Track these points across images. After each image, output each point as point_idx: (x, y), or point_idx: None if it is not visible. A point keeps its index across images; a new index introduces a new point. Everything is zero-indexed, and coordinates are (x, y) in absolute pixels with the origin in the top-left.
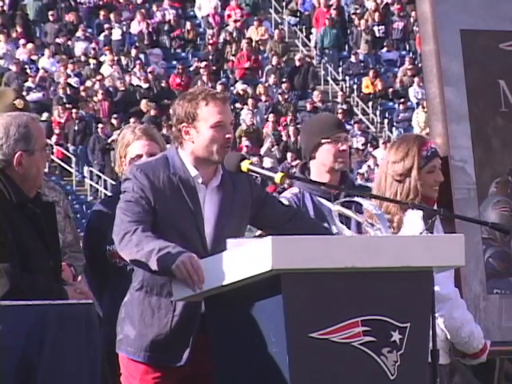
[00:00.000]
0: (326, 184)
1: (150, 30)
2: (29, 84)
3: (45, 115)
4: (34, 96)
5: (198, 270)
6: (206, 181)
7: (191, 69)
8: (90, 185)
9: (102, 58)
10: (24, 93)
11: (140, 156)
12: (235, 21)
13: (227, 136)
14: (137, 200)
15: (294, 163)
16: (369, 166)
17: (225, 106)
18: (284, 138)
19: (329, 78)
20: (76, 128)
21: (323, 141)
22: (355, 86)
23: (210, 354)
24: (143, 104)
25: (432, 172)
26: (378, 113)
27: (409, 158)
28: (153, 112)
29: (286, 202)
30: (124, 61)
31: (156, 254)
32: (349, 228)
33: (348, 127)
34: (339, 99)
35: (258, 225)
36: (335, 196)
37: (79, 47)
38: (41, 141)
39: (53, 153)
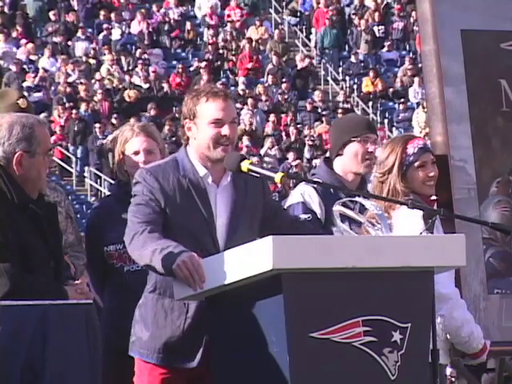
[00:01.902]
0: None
1: (150, 29)
2: (28, 84)
3: (44, 115)
4: (34, 96)
5: (199, 268)
6: (216, 179)
7: (191, 69)
8: (90, 185)
9: (102, 58)
10: (24, 93)
11: (137, 152)
12: (235, 21)
13: (223, 133)
14: (147, 202)
15: (294, 163)
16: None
17: (225, 103)
18: (284, 138)
19: (329, 78)
20: (76, 128)
21: (352, 139)
22: (355, 86)
23: None
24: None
25: (423, 167)
26: (378, 113)
27: (392, 157)
28: (153, 112)
29: (314, 192)
30: (124, 61)
31: (158, 254)
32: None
33: None
34: (339, 99)
35: (264, 234)
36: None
37: (79, 47)
38: (44, 145)
39: (53, 153)
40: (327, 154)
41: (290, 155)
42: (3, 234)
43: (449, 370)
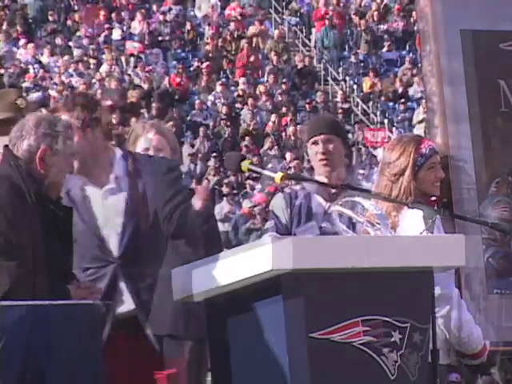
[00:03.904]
0: (325, 183)
1: (151, 29)
2: (28, 83)
3: None
4: (33, 95)
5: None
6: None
7: (191, 69)
8: None
9: (101, 58)
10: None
11: (147, 149)
12: (236, 20)
13: None
14: None
15: (293, 163)
16: (370, 166)
17: None
18: (284, 138)
19: (329, 78)
20: None
21: (308, 141)
22: (355, 86)
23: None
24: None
25: (432, 168)
26: (378, 113)
27: (404, 158)
28: (153, 112)
29: (281, 197)
30: (124, 61)
31: None
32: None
33: (348, 127)
34: (339, 99)
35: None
36: (333, 195)
37: (79, 47)
38: (69, 146)
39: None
40: None
41: (289, 155)
42: (15, 233)
43: (453, 376)
